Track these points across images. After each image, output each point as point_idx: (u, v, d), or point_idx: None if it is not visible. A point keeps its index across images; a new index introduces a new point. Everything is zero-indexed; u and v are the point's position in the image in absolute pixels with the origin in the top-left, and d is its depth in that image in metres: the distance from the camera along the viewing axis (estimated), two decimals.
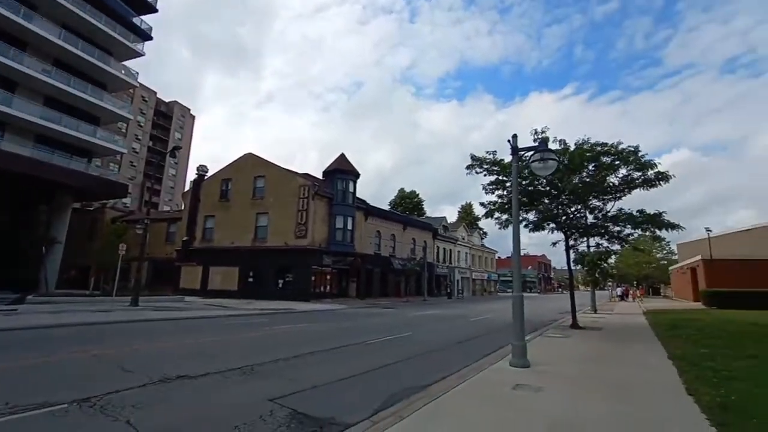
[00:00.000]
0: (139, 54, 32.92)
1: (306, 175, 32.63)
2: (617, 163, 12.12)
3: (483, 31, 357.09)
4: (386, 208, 50.25)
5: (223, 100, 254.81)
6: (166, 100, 77.08)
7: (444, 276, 48.57)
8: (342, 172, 31.64)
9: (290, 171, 32.03)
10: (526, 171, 11.14)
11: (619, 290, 45.76)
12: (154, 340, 9.38)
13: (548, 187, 12.82)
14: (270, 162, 31.86)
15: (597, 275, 19.62)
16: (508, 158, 10.49)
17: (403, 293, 38.61)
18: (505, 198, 12.90)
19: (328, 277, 30.33)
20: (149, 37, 33.89)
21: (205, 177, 34.21)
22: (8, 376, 5.64)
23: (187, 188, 43.00)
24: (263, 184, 30.86)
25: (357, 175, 32.41)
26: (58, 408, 4.20)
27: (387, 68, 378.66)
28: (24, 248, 26.16)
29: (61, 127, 26.87)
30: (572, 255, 14.44)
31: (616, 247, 14.34)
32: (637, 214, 12.45)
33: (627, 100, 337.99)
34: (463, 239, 56.26)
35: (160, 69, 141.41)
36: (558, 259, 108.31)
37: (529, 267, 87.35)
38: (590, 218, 13.59)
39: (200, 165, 34.79)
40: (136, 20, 32.75)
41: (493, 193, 13.19)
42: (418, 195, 66.47)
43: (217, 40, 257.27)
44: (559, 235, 13.94)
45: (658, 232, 12.60)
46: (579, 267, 17.03)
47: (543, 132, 11.68)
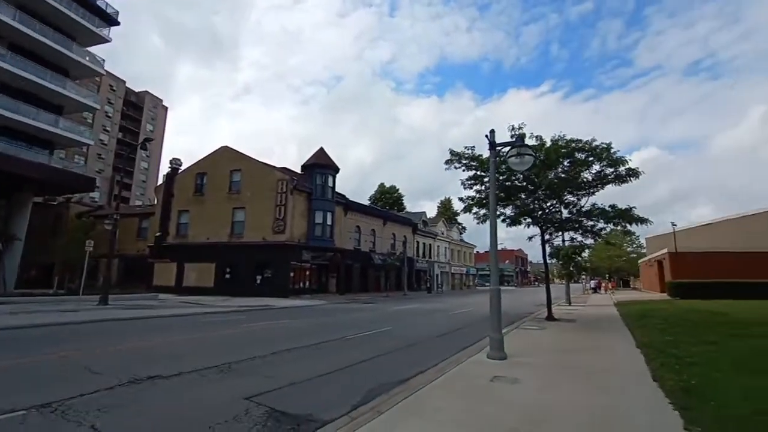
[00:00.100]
0: (104, 39, 31.26)
1: (284, 169, 32.06)
2: (591, 159, 12.47)
3: (462, 27, 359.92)
4: (366, 203, 50.14)
5: (198, 91, 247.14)
6: (137, 90, 73.92)
7: (424, 271, 49.00)
8: (321, 166, 31.27)
9: (268, 165, 31.38)
10: (504, 166, 11.29)
11: (592, 283, 47.46)
12: (125, 340, 9.01)
13: (525, 183, 13.06)
14: (247, 155, 31.13)
15: (571, 269, 20.26)
16: (486, 154, 10.58)
17: (383, 288, 38.72)
18: (483, 193, 13.07)
19: (308, 273, 30.05)
20: (116, 22, 32.19)
21: (179, 170, 33.10)
22: None
23: (160, 182, 41.46)
24: (240, 178, 30.13)
25: (336, 170, 32.12)
26: (15, 415, 3.94)
27: (367, 62, 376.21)
28: None
29: (17, 116, 25.13)
30: (548, 249, 14.81)
31: (590, 241, 14.81)
32: (609, 209, 12.87)
33: (600, 99, 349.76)
34: (443, 234, 56.86)
35: (129, 57, 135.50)
36: (534, 253, 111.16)
37: (507, 261, 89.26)
38: (565, 213, 13.95)
39: (174, 158, 33.64)
40: (101, 3, 30.99)
41: (471, 188, 13.34)
42: (398, 190, 66.70)
43: (191, 28, 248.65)
44: (535, 230, 14.30)
45: (629, 227, 13.07)
46: (554, 261, 17.51)
47: (520, 128, 11.86)
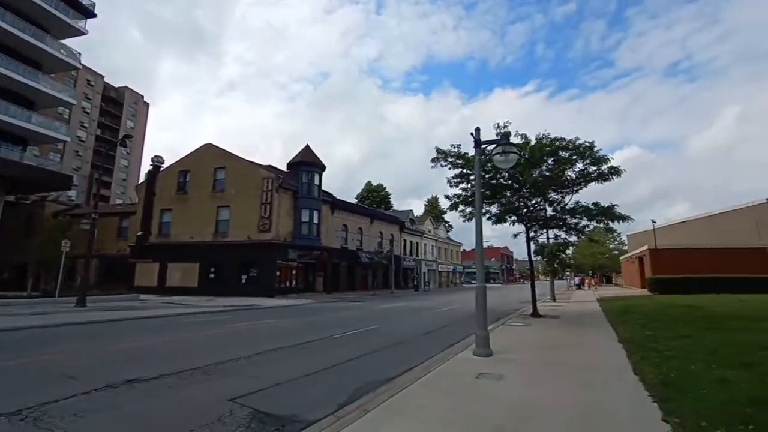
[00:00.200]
0: (80, 32, 30.20)
1: (270, 167, 31.68)
2: (575, 157, 12.67)
3: (449, 25, 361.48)
4: (353, 201, 49.95)
5: (181, 87, 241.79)
6: (116, 86, 71.82)
7: (411, 269, 49.17)
8: (307, 164, 30.99)
9: (253, 163, 30.95)
10: (489, 164, 11.37)
11: (576, 279, 48.36)
12: (103, 343, 8.75)
13: (510, 181, 13.20)
14: (231, 153, 30.62)
15: (556, 266, 20.60)
16: (472, 152, 10.64)
17: (370, 286, 38.70)
18: (469, 191, 13.14)
19: (294, 272, 29.78)
20: (92, 14, 31.12)
21: (161, 168, 32.34)
22: None
23: (141, 180, 40.45)
24: (224, 176, 29.62)
25: (323, 168, 31.89)
26: None
27: (353, 59, 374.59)
28: None
29: None
30: (533, 246, 15.01)
31: (573, 238, 15.04)
32: (592, 206, 13.10)
33: (584, 99, 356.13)
34: (430, 232, 57.15)
35: (108, 52, 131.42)
36: (520, 251, 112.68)
37: (493, 259, 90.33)
38: (549, 211, 14.15)
39: (155, 155, 32.81)
40: None
41: (457, 186, 13.41)
42: (385, 188, 66.81)
43: (172, 22, 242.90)
44: (520, 227, 14.44)
45: (611, 224, 13.34)
46: (539, 258, 17.75)
47: (505, 126, 11.94)
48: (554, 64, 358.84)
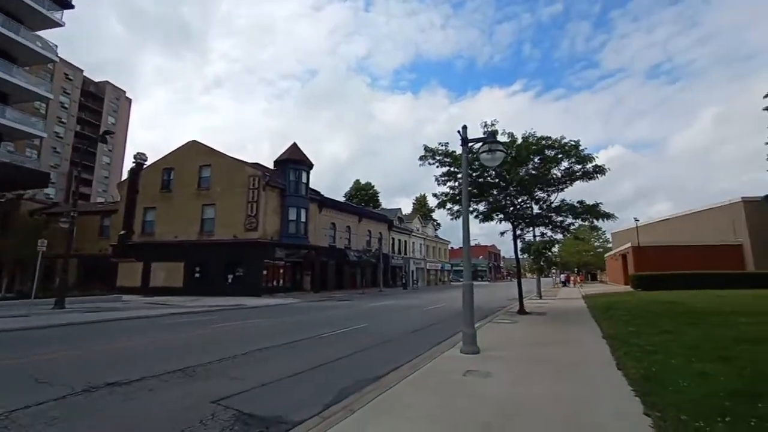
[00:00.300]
0: (57, 24, 29.13)
1: (256, 165, 31.21)
2: (560, 156, 12.82)
3: (437, 24, 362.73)
4: (342, 199, 49.71)
5: (165, 83, 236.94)
6: (97, 81, 69.83)
7: (399, 267, 49.23)
8: (294, 162, 30.67)
9: (239, 160, 30.44)
10: (477, 163, 11.41)
11: (562, 277, 49.20)
12: (81, 346, 8.47)
13: (497, 179, 13.29)
14: (216, 150, 30.08)
15: (542, 263, 20.81)
16: (459, 150, 10.68)
17: (358, 285, 38.59)
18: (457, 189, 13.17)
19: (281, 271, 29.46)
20: (69, 5, 30.00)
21: (144, 166, 31.59)
22: None
23: (124, 178, 39.46)
24: (209, 174, 29.08)
25: (310, 166, 31.61)
26: None
27: (342, 57, 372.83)
28: None
29: None
30: (519, 244, 15.13)
31: (559, 236, 15.23)
32: (578, 205, 13.30)
33: (570, 99, 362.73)
34: (418, 230, 57.31)
35: (88, 46, 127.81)
36: (507, 249, 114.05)
37: (480, 257, 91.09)
38: (536, 209, 14.30)
39: (138, 153, 32.05)
40: None
41: (445, 184, 13.45)
42: (374, 187, 66.64)
43: (155, 16, 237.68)
44: (507, 225, 14.57)
45: (596, 222, 13.57)
46: (526, 256, 17.90)
47: (492, 125, 12.01)
48: (541, 63, 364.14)
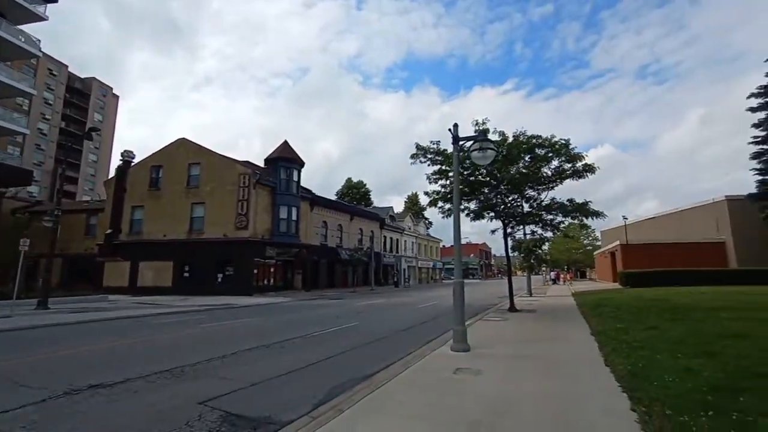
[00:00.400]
0: (41, 18, 28.33)
1: (247, 163, 30.93)
2: (551, 154, 12.92)
3: (429, 22, 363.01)
4: (333, 197, 49.53)
5: (155, 80, 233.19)
6: (83, 77, 68.42)
7: (391, 265, 49.25)
8: (285, 160, 30.44)
9: (229, 158, 30.09)
10: (468, 161, 11.45)
11: (552, 274, 49.70)
12: (63, 347, 8.25)
13: (488, 178, 13.35)
14: (206, 148, 29.69)
15: (532, 261, 20.93)
16: (451, 148, 10.70)
17: (350, 283, 38.53)
18: (448, 188, 13.21)
19: (272, 270, 29.25)
20: None
21: (132, 163, 31.05)
22: None
23: (111, 176, 38.75)
24: (199, 172, 28.68)
25: (301, 164, 31.40)
26: None
27: (334, 55, 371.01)
28: None
29: None
30: (510, 242, 15.24)
31: (549, 234, 15.37)
32: (568, 203, 13.44)
33: (561, 98, 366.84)
34: (410, 229, 57.40)
35: (74, 41, 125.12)
36: (498, 247, 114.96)
37: (471, 255, 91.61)
38: (526, 207, 14.40)
39: (125, 150, 31.47)
40: None
41: (436, 182, 13.47)
42: (366, 185, 66.52)
43: (143, 11, 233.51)
44: (497, 224, 14.66)
45: (585, 220, 13.75)
46: (516, 254, 18.03)
47: (484, 123, 12.06)
48: (532, 63, 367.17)
